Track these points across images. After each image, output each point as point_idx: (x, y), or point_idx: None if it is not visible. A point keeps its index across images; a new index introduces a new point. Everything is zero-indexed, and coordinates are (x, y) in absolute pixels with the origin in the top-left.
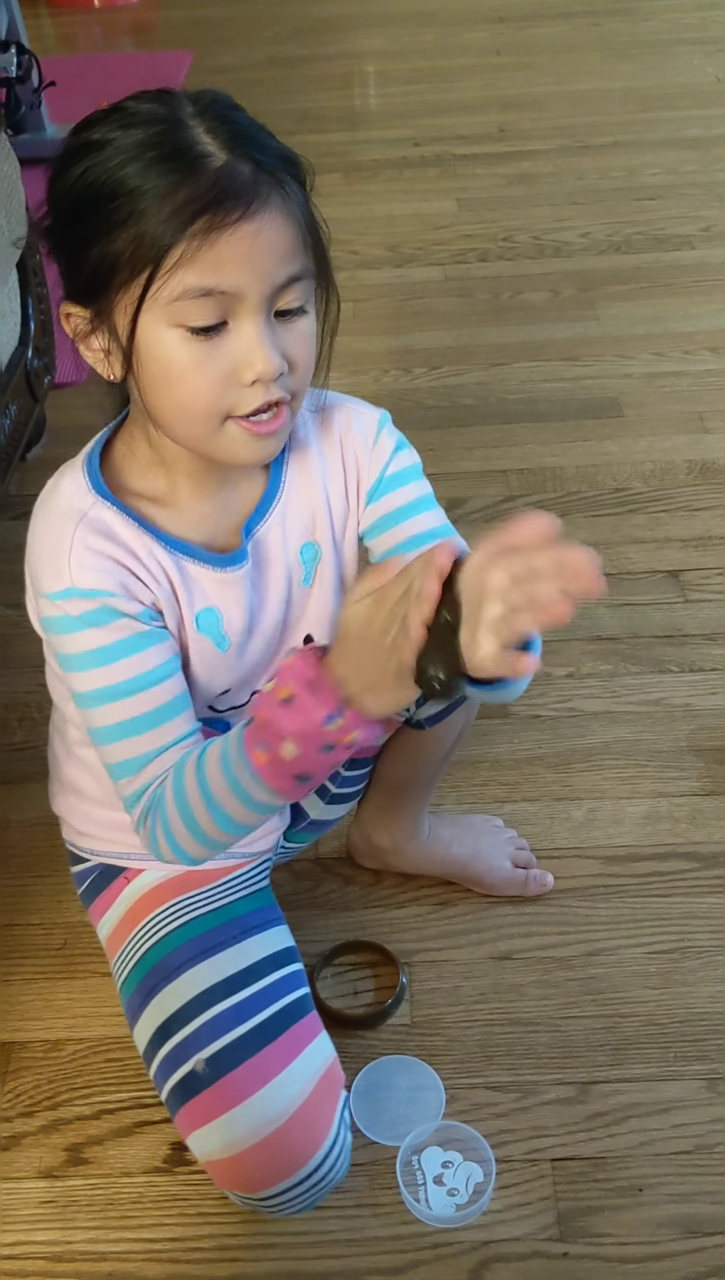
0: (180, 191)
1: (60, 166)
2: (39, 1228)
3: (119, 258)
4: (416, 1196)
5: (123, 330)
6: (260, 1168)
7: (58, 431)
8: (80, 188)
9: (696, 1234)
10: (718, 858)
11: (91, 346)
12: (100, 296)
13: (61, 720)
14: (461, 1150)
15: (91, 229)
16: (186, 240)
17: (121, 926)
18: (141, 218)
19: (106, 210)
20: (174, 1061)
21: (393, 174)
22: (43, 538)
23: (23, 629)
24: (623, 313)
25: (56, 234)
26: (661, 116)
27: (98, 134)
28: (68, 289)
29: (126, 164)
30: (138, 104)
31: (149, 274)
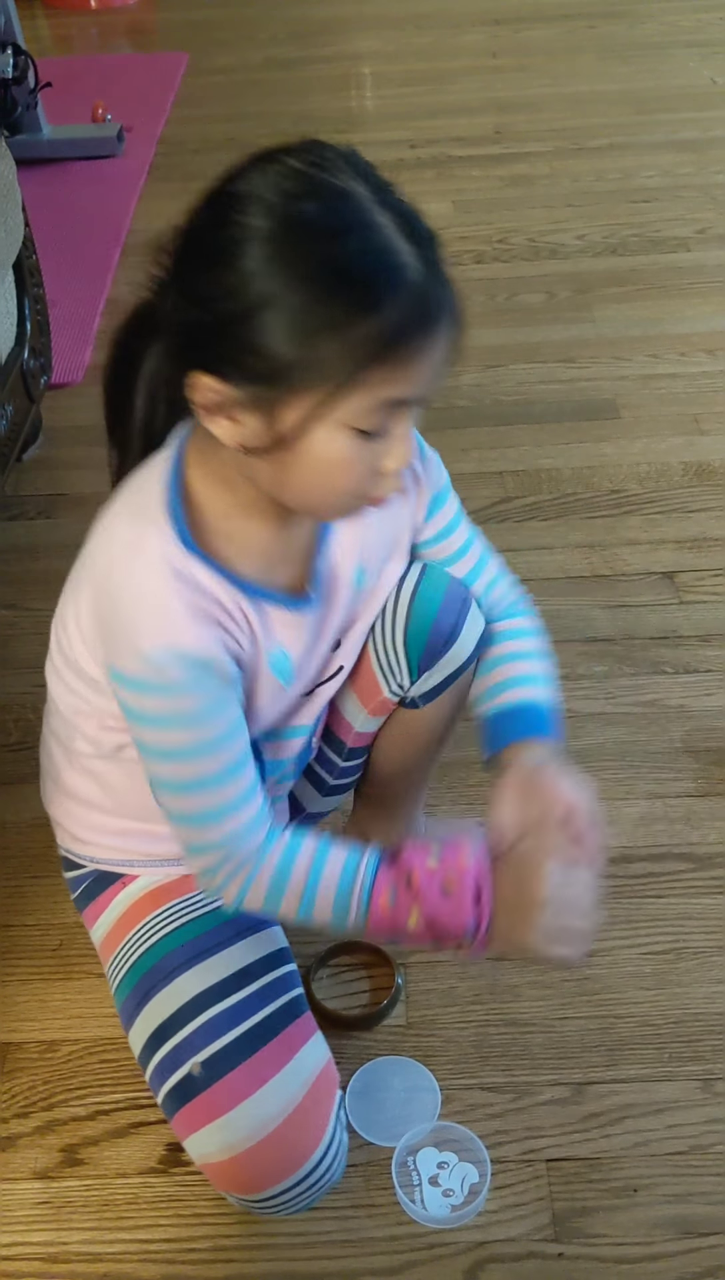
0: (384, 311)
1: (236, 250)
2: (34, 1229)
3: (314, 363)
4: (412, 1197)
5: (288, 425)
6: (257, 1169)
7: (54, 432)
8: (308, 282)
9: (691, 1234)
10: (713, 859)
11: (220, 418)
12: (271, 388)
13: (68, 731)
14: (457, 1151)
15: (285, 328)
16: (392, 360)
17: (115, 931)
18: (344, 330)
19: (306, 314)
20: (170, 1065)
21: (389, 175)
22: (137, 597)
23: (19, 629)
24: (618, 315)
25: (225, 311)
26: (657, 119)
27: (264, 221)
28: (208, 361)
29: (321, 272)
30: (311, 181)
31: (344, 387)
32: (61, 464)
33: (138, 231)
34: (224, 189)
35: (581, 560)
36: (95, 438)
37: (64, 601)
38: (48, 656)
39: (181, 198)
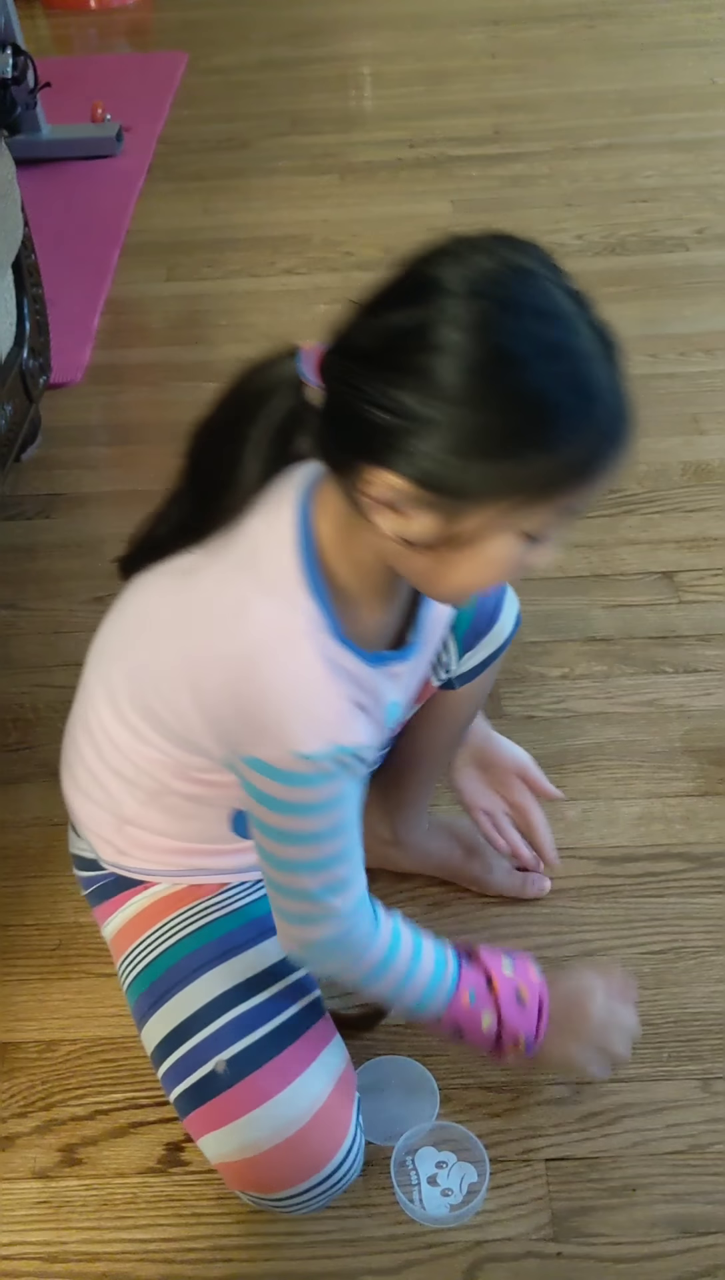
0: (586, 436)
1: (457, 365)
2: (33, 1228)
3: (510, 481)
4: (410, 1197)
5: (466, 529)
6: (280, 1169)
7: (53, 432)
8: (511, 405)
9: (690, 1234)
10: (712, 858)
11: (388, 512)
12: (459, 498)
13: (136, 773)
14: (455, 1151)
15: (483, 447)
16: (585, 479)
17: (131, 927)
18: (546, 453)
19: (508, 437)
20: (191, 1063)
21: (388, 176)
22: (296, 696)
23: (17, 629)
24: (617, 314)
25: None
26: (656, 119)
27: (489, 336)
28: (389, 460)
29: (526, 396)
30: (517, 294)
31: (535, 502)
32: (60, 464)
33: (137, 231)
34: (419, 282)
35: (581, 560)
36: (94, 438)
37: (155, 659)
38: (101, 693)
39: (180, 197)
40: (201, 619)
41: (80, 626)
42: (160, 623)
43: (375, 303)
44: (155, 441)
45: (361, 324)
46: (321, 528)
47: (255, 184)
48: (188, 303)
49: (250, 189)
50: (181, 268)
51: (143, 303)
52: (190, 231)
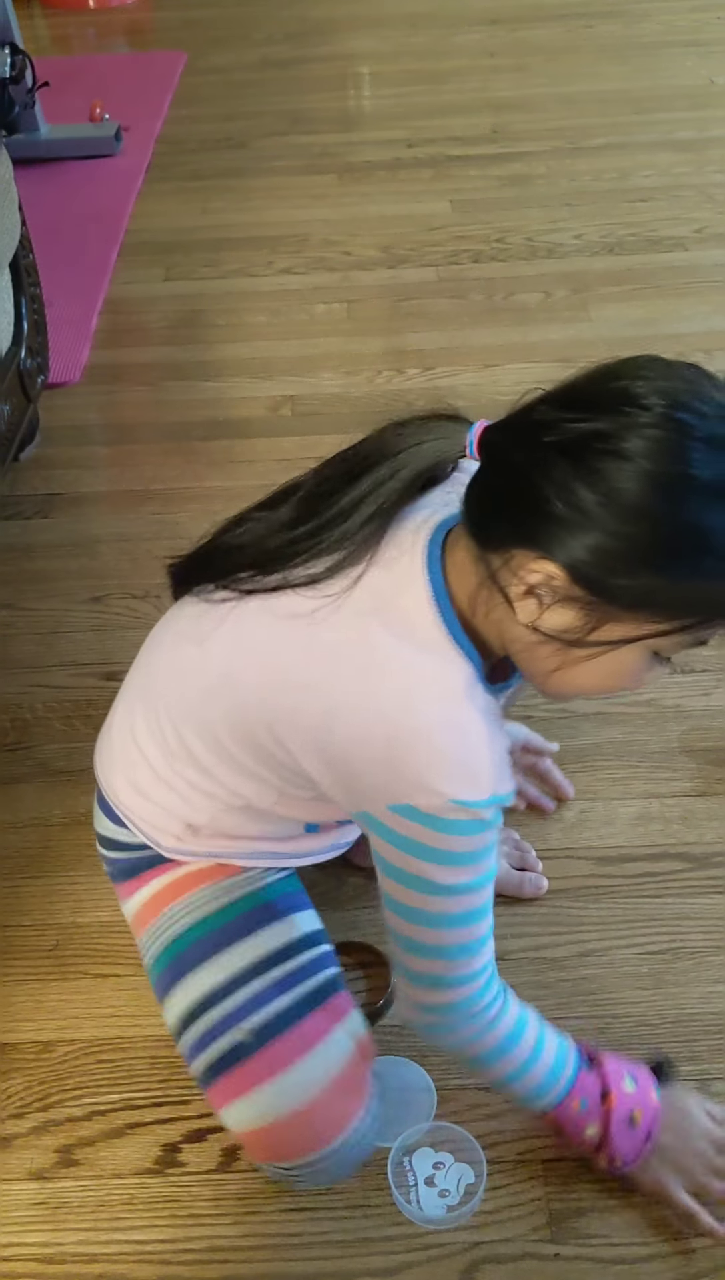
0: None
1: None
2: (30, 1229)
3: (672, 604)
4: (407, 1198)
5: (606, 636)
6: (300, 1135)
7: (51, 432)
8: (681, 531)
9: (688, 1235)
10: (710, 858)
11: (531, 599)
12: (608, 602)
13: (228, 795)
14: (453, 1151)
15: (658, 569)
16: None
17: (155, 902)
18: (706, 581)
19: (684, 565)
20: (214, 1034)
21: (387, 175)
22: (457, 745)
23: (15, 629)
24: (616, 314)
25: (627, 538)
26: (655, 118)
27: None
28: (555, 553)
29: (710, 533)
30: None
31: (685, 629)
32: (58, 463)
33: (135, 231)
34: (619, 392)
35: None
36: (92, 438)
37: (272, 703)
38: (187, 724)
39: (179, 197)
40: (338, 670)
41: (78, 626)
42: (278, 667)
43: (569, 400)
44: (153, 441)
45: (555, 419)
46: (455, 587)
47: (253, 184)
48: (186, 302)
49: (248, 189)
50: (180, 267)
51: (141, 302)
52: (188, 231)
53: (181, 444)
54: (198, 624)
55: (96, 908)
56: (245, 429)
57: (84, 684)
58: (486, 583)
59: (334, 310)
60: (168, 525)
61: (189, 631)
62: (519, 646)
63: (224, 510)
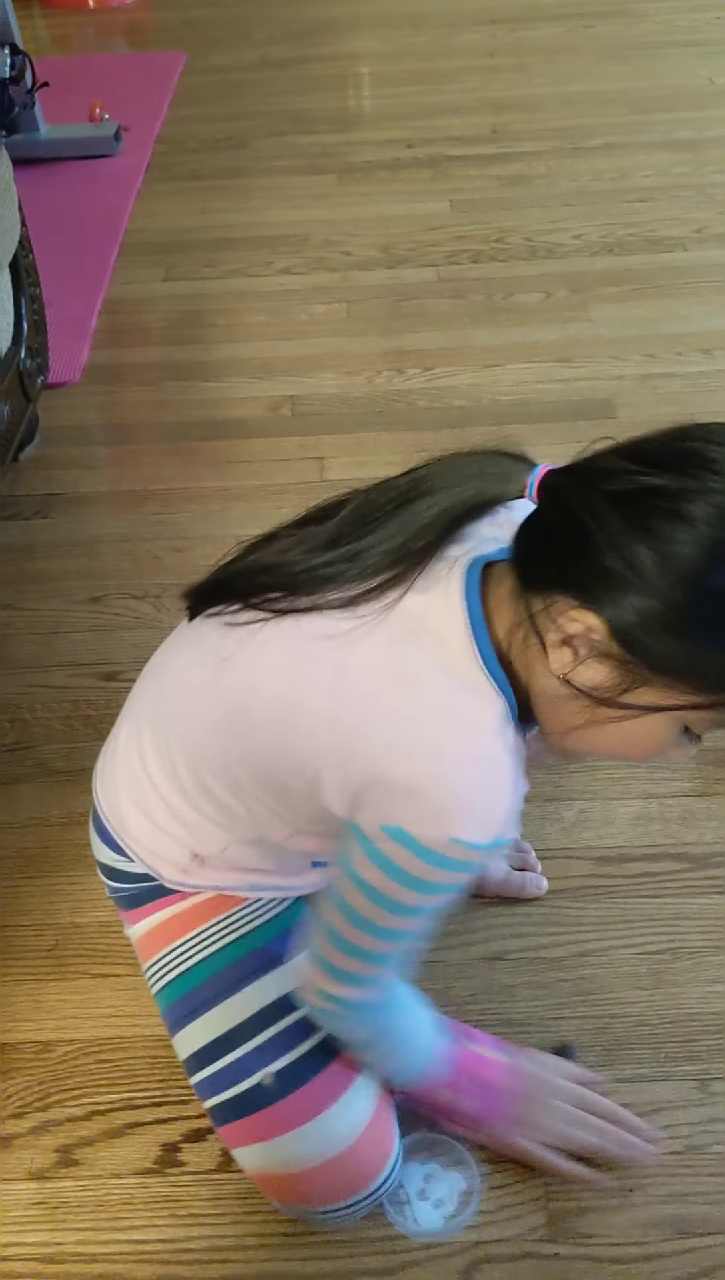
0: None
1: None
2: (30, 1229)
3: (709, 676)
4: (403, 1215)
5: (636, 700)
6: (326, 1184)
7: (50, 432)
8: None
9: (687, 1235)
10: (709, 858)
11: (568, 650)
12: (645, 664)
13: (251, 832)
14: (440, 1158)
15: (706, 639)
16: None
17: (163, 931)
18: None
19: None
20: (232, 1075)
21: (386, 175)
22: (479, 788)
23: (14, 629)
24: (615, 314)
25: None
26: (654, 118)
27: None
28: (602, 607)
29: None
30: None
31: (718, 705)
32: (58, 463)
33: (135, 231)
34: (692, 454)
35: None
36: (91, 438)
37: (297, 732)
38: (200, 751)
39: (178, 197)
40: (368, 700)
41: (77, 626)
42: (305, 685)
43: (639, 455)
44: (153, 441)
45: (620, 469)
46: (495, 621)
47: (253, 184)
48: (185, 302)
49: (248, 189)
50: (179, 267)
51: (140, 302)
52: (188, 231)
53: (181, 444)
54: (218, 646)
55: (95, 908)
56: (245, 429)
57: (83, 684)
58: (524, 623)
59: (334, 310)
60: (168, 525)
61: (206, 655)
62: (546, 697)
63: (223, 510)
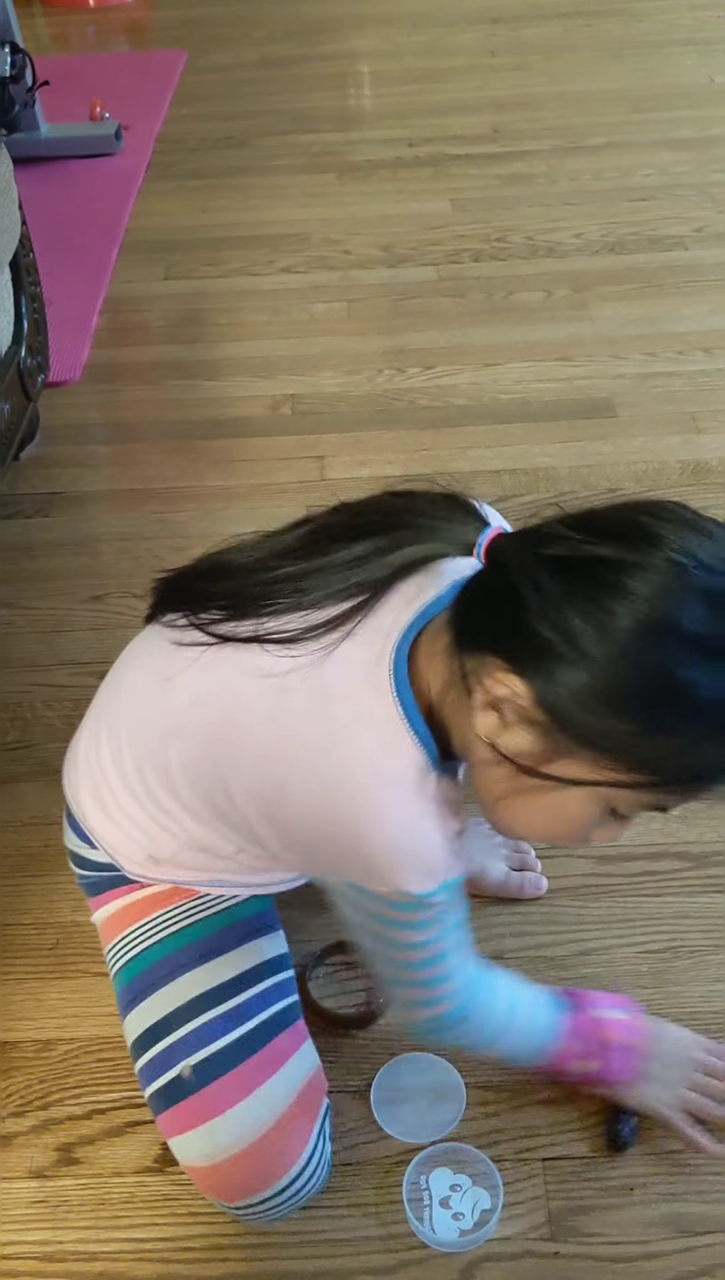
0: (720, 745)
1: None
2: (30, 1228)
3: (631, 753)
4: (420, 1217)
5: (558, 771)
6: (239, 1177)
7: (51, 431)
8: (659, 681)
9: (687, 1233)
10: (709, 857)
11: (493, 713)
12: (569, 735)
13: (201, 843)
14: (471, 1175)
15: (627, 713)
16: (705, 788)
17: (120, 917)
18: (674, 739)
19: (652, 714)
20: (161, 1065)
21: (387, 174)
22: (403, 841)
23: (15, 628)
24: (616, 313)
25: (619, 687)
26: (655, 117)
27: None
28: (525, 670)
29: (680, 689)
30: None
31: (640, 787)
32: (58, 462)
33: (135, 230)
34: (638, 529)
35: None
36: (92, 436)
37: (230, 765)
38: (149, 765)
39: (179, 196)
40: (296, 744)
41: (78, 625)
42: (238, 725)
43: (586, 524)
44: (154, 440)
45: (560, 532)
46: (426, 673)
47: (254, 182)
48: (186, 301)
49: (249, 187)
50: (180, 266)
51: (141, 301)
52: (188, 230)
53: (182, 443)
54: (166, 662)
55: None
56: (246, 428)
57: (84, 683)
58: (457, 683)
59: (334, 309)
60: (168, 524)
61: (156, 668)
62: (474, 759)
63: (224, 509)
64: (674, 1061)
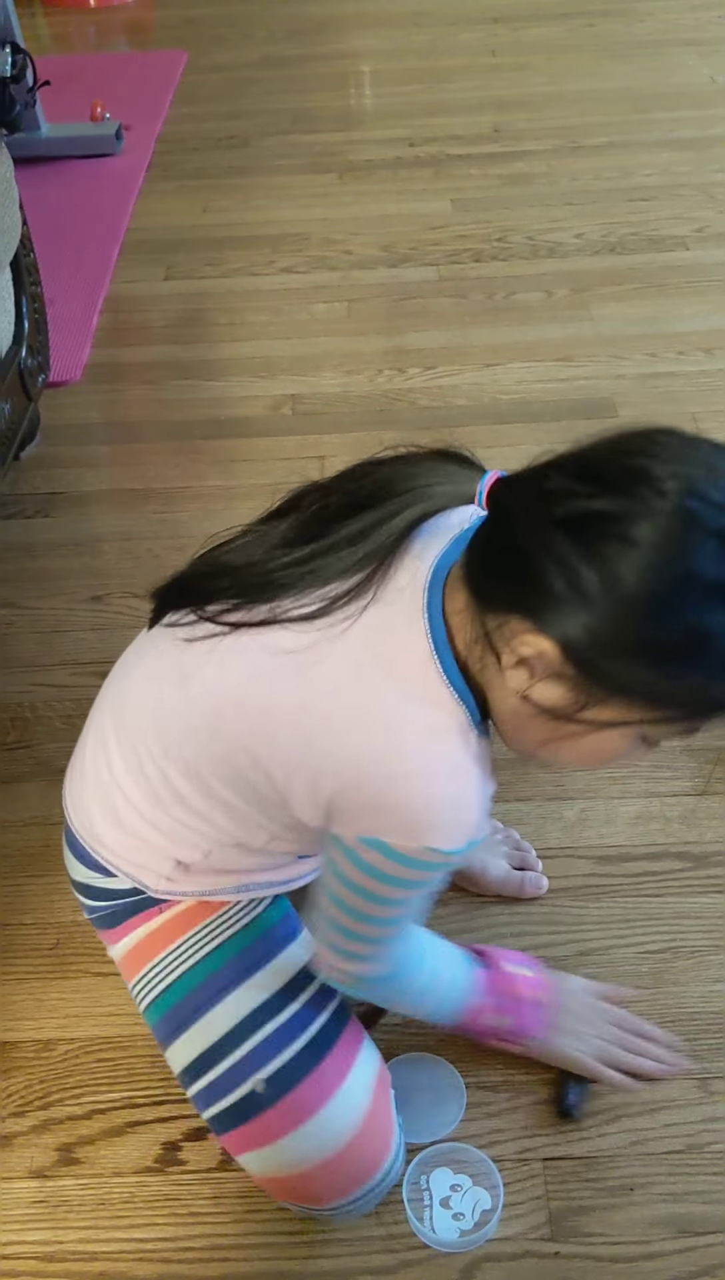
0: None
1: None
2: (30, 1228)
3: (663, 695)
4: (421, 1217)
5: (595, 716)
6: (330, 1181)
7: (51, 431)
8: (679, 626)
9: (687, 1233)
10: (709, 857)
11: (523, 670)
12: (600, 685)
13: (231, 839)
14: (472, 1175)
15: (655, 660)
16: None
17: (143, 949)
18: (700, 677)
19: (676, 652)
20: (225, 1085)
21: (388, 174)
22: (446, 798)
23: (16, 628)
24: (616, 313)
25: (628, 635)
26: (656, 117)
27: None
28: (550, 629)
29: (709, 623)
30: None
31: (672, 719)
32: (59, 462)
33: (136, 230)
34: (634, 471)
35: None
36: (93, 436)
37: (264, 745)
38: (169, 761)
39: (180, 195)
40: (333, 711)
41: (79, 625)
42: (269, 705)
43: (582, 471)
44: (154, 440)
45: (563, 487)
46: (455, 630)
47: (255, 182)
48: (187, 301)
49: (249, 187)
50: (180, 266)
51: (142, 301)
52: (189, 230)
53: (183, 443)
54: (178, 662)
55: None
56: (246, 428)
57: (85, 683)
58: (481, 640)
59: (335, 309)
60: (169, 524)
61: (168, 668)
62: (507, 713)
63: (225, 509)
64: (584, 1014)
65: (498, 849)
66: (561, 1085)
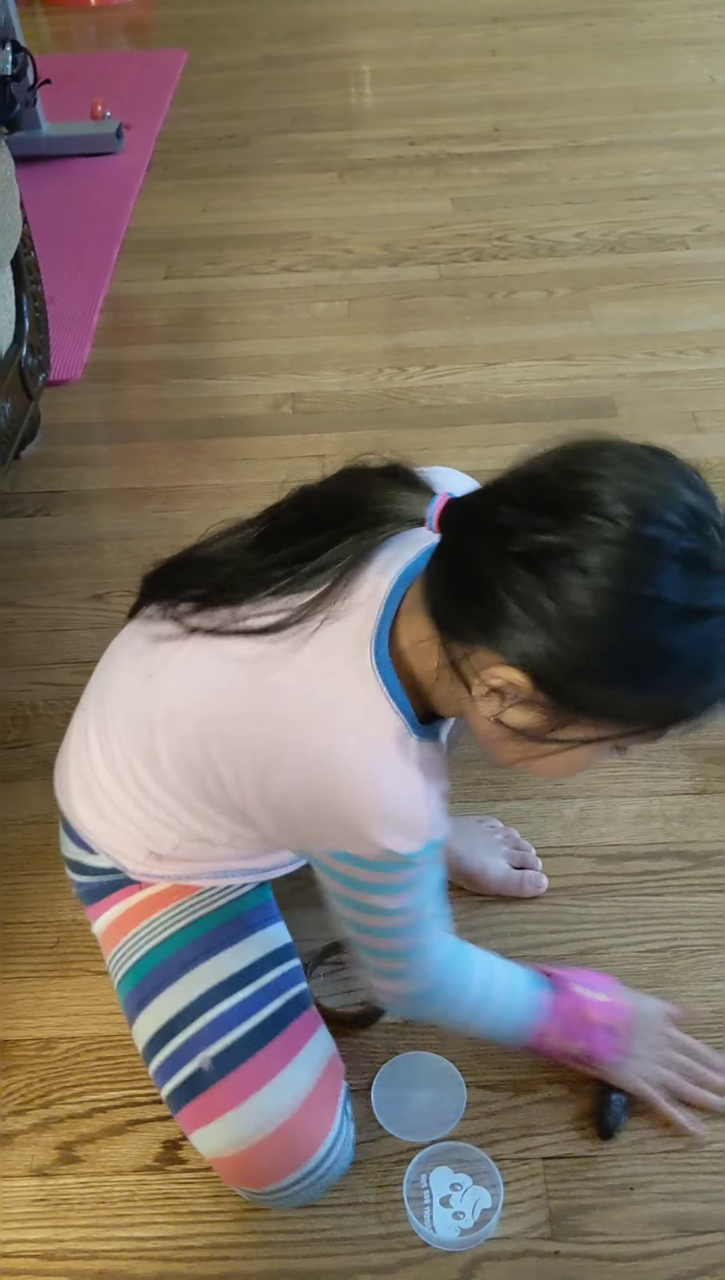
0: (712, 692)
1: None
2: (30, 1226)
3: (633, 712)
4: (421, 1216)
5: (567, 735)
6: (266, 1163)
7: (52, 430)
8: (647, 650)
9: (687, 1232)
10: (710, 856)
11: (494, 698)
12: (569, 709)
13: (196, 834)
14: (472, 1174)
15: (618, 682)
16: (695, 721)
17: (120, 924)
18: (666, 694)
19: (642, 678)
20: (177, 1061)
21: (388, 173)
22: (389, 804)
23: (16, 627)
24: (617, 313)
25: (593, 653)
26: (656, 117)
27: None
28: (512, 658)
29: (666, 648)
30: (679, 547)
31: (642, 733)
32: (59, 461)
33: (136, 229)
34: (576, 495)
35: None
36: (93, 435)
37: (219, 751)
38: (138, 759)
39: (180, 195)
40: (277, 722)
41: (79, 624)
42: (221, 712)
43: (532, 500)
44: (155, 439)
45: (515, 521)
46: (404, 642)
47: (255, 181)
48: (187, 300)
49: (250, 186)
50: (181, 265)
51: (142, 300)
52: (190, 229)
53: (183, 442)
54: (148, 658)
55: None
56: (247, 427)
57: (86, 682)
58: (448, 668)
59: (335, 308)
60: (170, 523)
61: (139, 664)
62: (482, 734)
63: (226, 508)
64: (654, 1040)
65: (497, 848)
66: (605, 1101)
